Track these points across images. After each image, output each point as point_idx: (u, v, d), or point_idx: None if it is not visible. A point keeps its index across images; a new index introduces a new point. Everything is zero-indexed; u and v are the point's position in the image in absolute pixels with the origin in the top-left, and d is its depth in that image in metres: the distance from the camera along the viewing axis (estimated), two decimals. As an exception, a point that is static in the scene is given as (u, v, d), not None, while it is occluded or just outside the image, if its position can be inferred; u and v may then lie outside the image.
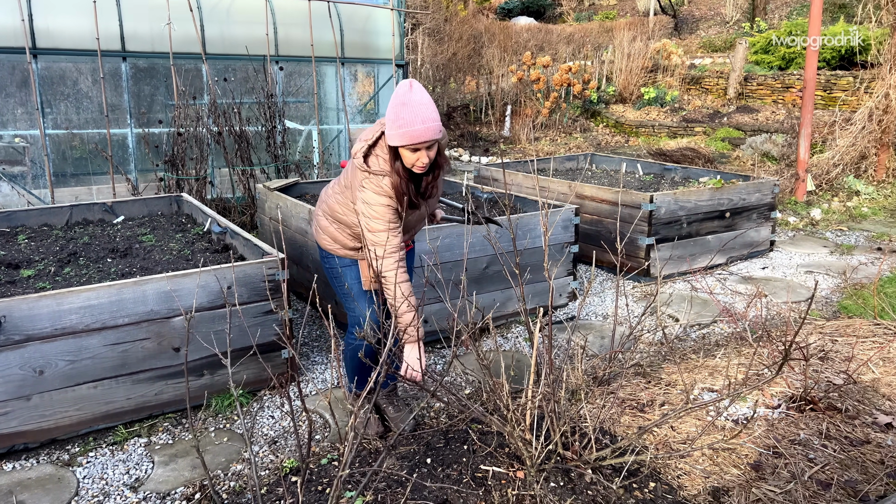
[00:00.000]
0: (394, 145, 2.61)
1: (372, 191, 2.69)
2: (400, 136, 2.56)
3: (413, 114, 2.53)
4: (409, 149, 2.59)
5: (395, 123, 2.56)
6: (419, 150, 2.60)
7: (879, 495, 2.58)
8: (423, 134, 2.55)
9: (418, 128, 2.54)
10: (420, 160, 2.62)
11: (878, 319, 4.22)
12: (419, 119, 2.53)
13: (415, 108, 2.54)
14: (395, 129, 2.56)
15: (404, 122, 2.54)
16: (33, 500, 2.69)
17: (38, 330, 2.91)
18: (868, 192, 8.15)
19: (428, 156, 2.62)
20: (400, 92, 2.58)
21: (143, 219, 4.89)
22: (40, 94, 6.20)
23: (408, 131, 2.54)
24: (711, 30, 17.36)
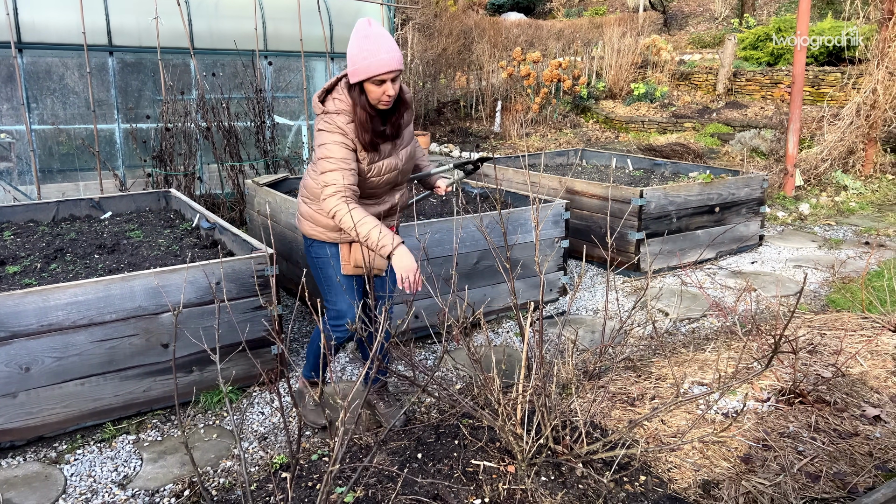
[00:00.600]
0: (360, 80, 2.60)
1: (326, 129, 2.68)
2: (366, 67, 2.56)
3: (377, 44, 2.56)
4: (376, 81, 2.60)
5: (360, 56, 2.57)
6: (385, 83, 2.61)
7: (868, 487, 2.60)
8: (389, 63, 2.57)
9: (384, 56, 2.56)
10: (386, 92, 2.62)
11: (865, 313, 4.25)
12: (383, 49, 2.56)
13: (377, 39, 2.57)
14: (360, 63, 2.57)
15: (369, 52, 2.55)
16: (20, 498, 2.66)
17: (23, 326, 2.87)
18: (856, 186, 8.21)
19: (393, 88, 2.63)
20: (360, 28, 2.60)
21: (131, 215, 4.85)
22: (26, 90, 6.13)
23: (374, 61, 2.55)
24: (700, 26, 17.42)
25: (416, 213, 4.21)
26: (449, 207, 4.90)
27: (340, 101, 2.70)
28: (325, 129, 2.69)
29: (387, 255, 2.62)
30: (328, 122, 2.69)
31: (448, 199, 5.17)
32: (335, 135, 2.67)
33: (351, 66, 2.61)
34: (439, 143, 12.38)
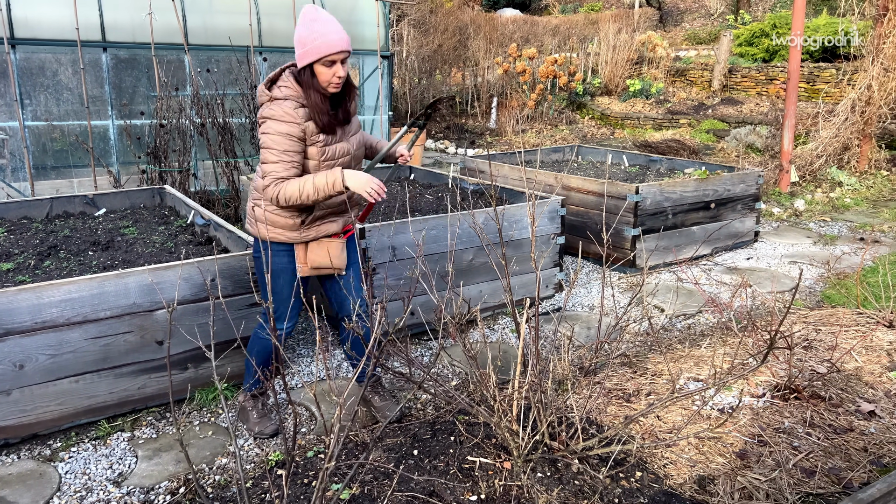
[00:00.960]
0: (311, 61, 2.62)
1: (272, 117, 2.65)
2: (317, 48, 2.58)
3: (326, 27, 2.60)
4: (326, 62, 2.61)
5: (310, 38, 2.59)
6: (335, 63, 2.63)
7: (863, 482, 2.60)
8: (339, 43, 2.60)
9: (334, 38, 2.59)
10: (336, 74, 2.64)
11: (860, 309, 4.26)
12: (332, 30, 2.60)
13: (326, 22, 2.61)
14: (311, 44, 2.59)
15: (319, 34, 2.58)
16: (14, 496, 2.65)
17: (17, 324, 2.86)
18: (850, 182, 8.22)
19: (344, 69, 2.66)
20: (307, 11, 2.65)
21: (126, 211, 4.83)
22: (19, 86, 6.10)
23: (324, 41, 2.57)
24: (696, 22, 17.42)
25: (409, 210, 4.21)
26: (444, 204, 4.89)
27: (288, 88, 2.68)
28: (272, 117, 2.66)
29: (342, 186, 2.68)
30: (274, 109, 2.65)
31: (444, 196, 5.17)
32: (281, 124, 2.64)
33: (300, 48, 2.62)
34: (435, 139, 12.37)
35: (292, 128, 2.64)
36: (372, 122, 8.45)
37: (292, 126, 2.64)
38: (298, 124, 2.66)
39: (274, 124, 2.65)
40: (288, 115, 2.64)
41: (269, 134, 2.66)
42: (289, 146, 2.65)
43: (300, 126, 2.66)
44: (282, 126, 2.64)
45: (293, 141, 2.66)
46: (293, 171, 2.68)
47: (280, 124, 2.64)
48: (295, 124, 2.65)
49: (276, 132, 2.64)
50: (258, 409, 3.12)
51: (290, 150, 2.66)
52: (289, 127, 2.64)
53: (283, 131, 2.64)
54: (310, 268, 2.90)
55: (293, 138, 2.65)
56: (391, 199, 5.08)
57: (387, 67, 8.22)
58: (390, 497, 2.40)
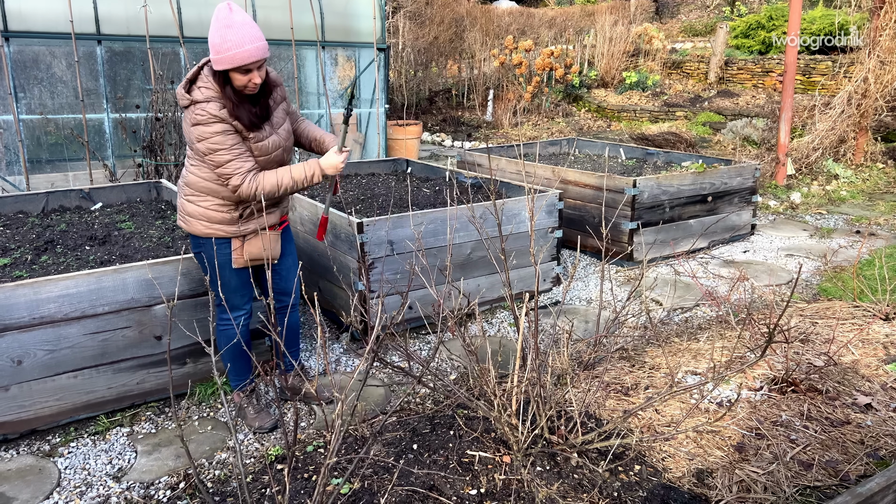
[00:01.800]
0: (224, 69, 2.57)
1: (202, 122, 2.62)
2: (230, 58, 2.53)
3: (240, 35, 2.53)
4: (241, 71, 2.58)
5: (223, 47, 2.53)
6: (251, 71, 2.59)
7: (860, 475, 2.62)
8: (254, 53, 2.55)
9: (248, 48, 2.53)
10: (252, 80, 2.61)
11: (857, 302, 4.27)
12: (247, 39, 2.53)
13: (240, 29, 2.53)
14: (225, 53, 2.53)
15: (233, 43, 2.52)
16: (14, 491, 2.65)
17: (15, 319, 2.85)
18: (847, 175, 8.24)
19: (259, 75, 2.62)
20: (221, 16, 2.55)
21: (122, 205, 4.81)
22: (13, 79, 6.06)
23: (238, 53, 2.52)
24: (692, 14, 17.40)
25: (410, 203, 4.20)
26: (442, 198, 4.89)
27: (208, 89, 2.64)
28: (201, 122, 2.62)
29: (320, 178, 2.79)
30: (200, 114, 2.62)
31: (441, 189, 5.16)
32: (214, 125, 2.62)
33: (214, 54, 2.56)
34: (431, 132, 12.34)
35: (224, 125, 2.63)
36: (368, 115, 8.43)
37: (223, 124, 2.63)
38: (228, 122, 2.64)
39: (206, 128, 2.62)
40: (215, 116, 2.62)
41: (207, 138, 2.63)
42: (233, 140, 2.65)
43: (230, 123, 2.65)
44: (215, 126, 2.62)
45: (233, 135, 2.65)
46: (251, 160, 2.69)
47: (212, 125, 2.62)
48: (225, 122, 2.64)
49: (213, 133, 2.62)
50: (254, 405, 3.12)
51: (237, 143, 2.66)
52: (221, 125, 2.63)
53: (218, 130, 2.62)
54: (246, 259, 2.91)
55: (231, 133, 2.64)
56: (388, 192, 5.07)
57: (383, 60, 8.19)
58: (391, 491, 2.41)
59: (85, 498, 2.63)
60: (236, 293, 2.95)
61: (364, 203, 4.85)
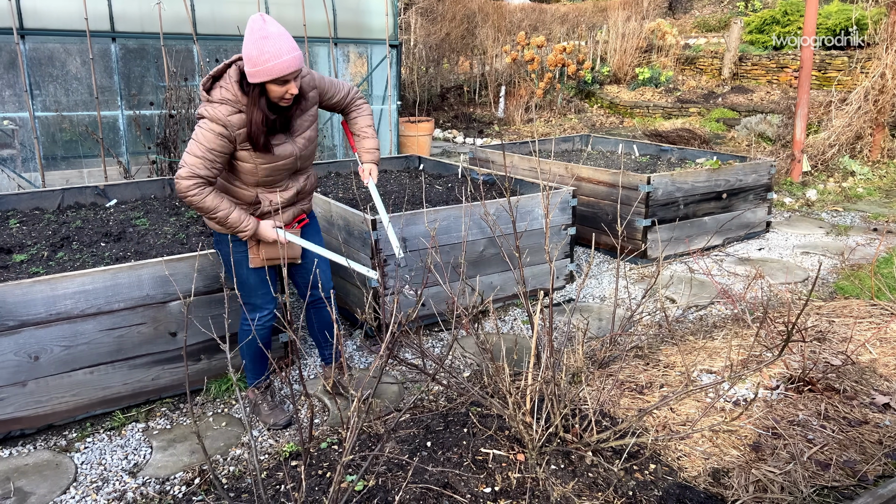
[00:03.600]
0: (262, 81, 2.55)
1: (206, 116, 2.62)
2: (268, 70, 2.51)
3: (278, 46, 2.50)
4: (278, 82, 2.56)
5: (261, 59, 2.51)
6: (288, 82, 2.58)
7: (878, 475, 2.59)
8: (292, 64, 2.53)
9: (286, 58, 2.51)
10: (290, 91, 2.60)
11: (874, 300, 4.23)
12: (285, 50, 2.51)
13: (277, 40, 2.51)
14: (263, 65, 2.51)
15: (271, 54, 2.50)
16: (31, 486, 2.67)
17: (32, 315, 2.87)
18: (863, 172, 8.15)
19: (295, 85, 2.61)
20: (255, 27, 2.53)
21: (136, 202, 4.83)
22: (28, 76, 6.10)
23: (277, 64, 2.50)
24: (706, 9, 17.26)
25: (424, 200, 4.19)
26: (454, 195, 4.88)
27: (227, 92, 2.63)
28: (206, 116, 2.62)
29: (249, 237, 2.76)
30: (211, 110, 2.62)
31: (454, 186, 5.15)
32: (214, 124, 2.61)
33: (250, 66, 2.54)
34: (443, 128, 12.32)
35: (223, 131, 2.62)
36: (380, 111, 8.42)
37: (223, 129, 2.62)
38: (229, 131, 2.63)
39: (206, 123, 2.62)
40: (221, 120, 2.61)
41: (201, 129, 2.63)
42: (216, 146, 2.62)
43: (231, 132, 2.64)
44: (215, 126, 2.61)
45: (221, 142, 2.63)
46: (213, 172, 2.66)
47: (213, 124, 2.61)
48: (226, 129, 2.62)
49: (208, 129, 2.61)
50: (268, 402, 3.13)
51: (216, 150, 2.63)
52: (221, 128, 2.62)
53: (215, 130, 2.61)
54: (262, 259, 2.90)
55: (222, 139, 2.63)
56: (401, 189, 5.07)
57: (395, 56, 8.18)
58: (405, 489, 2.41)
59: (101, 493, 2.65)
60: (255, 292, 2.95)
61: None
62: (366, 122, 3.09)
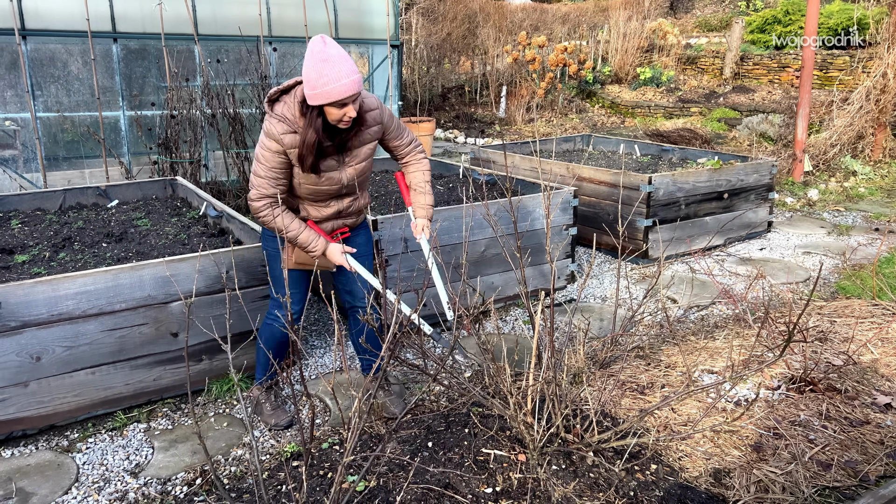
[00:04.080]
0: (320, 104, 2.56)
1: (266, 133, 2.67)
2: (327, 94, 2.51)
3: (337, 69, 2.50)
4: (337, 105, 2.56)
5: (320, 81, 2.51)
6: (346, 105, 2.58)
7: (879, 475, 2.59)
8: (351, 87, 2.53)
9: (345, 81, 2.51)
10: (347, 114, 2.60)
11: (876, 300, 4.22)
12: (344, 73, 2.51)
13: (337, 62, 2.50)
14: (321, 88, 2.51)
15: (329, 77, 2.49)
16: (33, 486, 2.68)
17: (34, 316, 2.87)
18: (865, 172, 8.15)
19: (354, 108, 2.61)
20: (316, 49, 2.52)
21: (138, 203, 4.84)
22: (30, 77, 6.11)
23: (335, 88, 2.50)
24: (707, 9, 17.25)
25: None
26: (456, 195, 4.88)
27: (287, 110, 2.65)
28: (265, 133, 2.67)
29: (319, 255, 2.82)
30: (269, 126, 2.66)
31: (455, 187, 5.15)
32: (272, 142, 2.65)
33: (309, 88, 2.54)
34: (444, 128, 12.32)
35: (279, 148, 2.66)
36: (382, 111, 8.41)
37: (279, 147, 2.66)
38: (283, 148, 2.66)
39: (266, 141, 2.67)
40: (275, 137, 2.64)
41: (262, 147, 2.69)
42: (275, 164, 2.68)
43: (285, 149, 2.67)
44: (272, 144, 2.66)
45: (281, 159, 2.68)
46: (280, 189, 2.73)
47: (270, 141, 2.66)
48: (280, 147, 2.66)
49: (266, 148, 2.67)
50: (271, 402, 3.14)
51: (277, 168, 2.69)
52: (276, 146, 2.66)
53: (272, 149, 2.66)
54: (294, 262, 2.92)
55: (280, 156, 2.67)
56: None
57: (396, 56, 8.18)
58: (406, 489, 2.41)
59: (103, 493, 2.65)
60: (282, 291, 2.95)
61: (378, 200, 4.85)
62: (424, 177, 3.06)
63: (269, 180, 2.69)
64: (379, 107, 2.86)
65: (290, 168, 2.74)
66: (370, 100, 2.82)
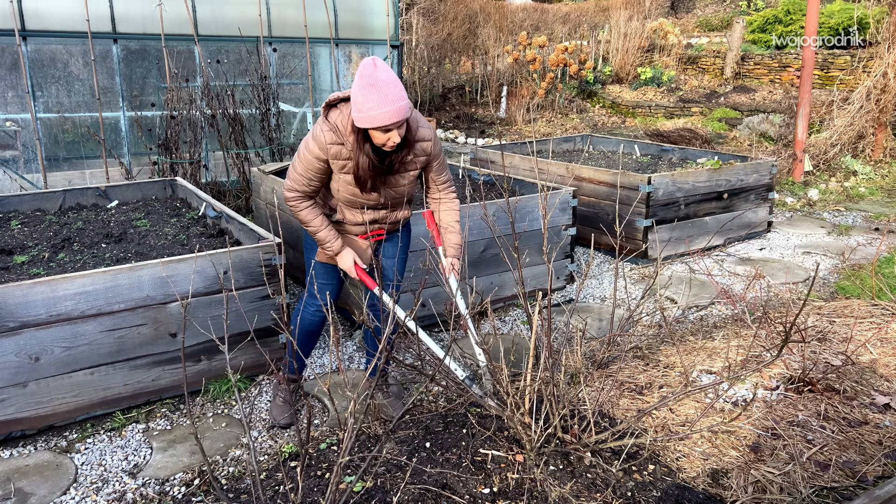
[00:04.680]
0: (365, 127, 2.56)
1: (313, 138, 2.68)
2: (371, 118, 2.50)
3: (383, 96, 2.48)
4: (381, 129, 2.56)
5: (365, 106, 2.50)
6: (391, 130, 2.57)
7: (878, 476, 2.59)
8: (395, 115, 2.51)
9: (389, 109, 2.49)
10: (392, 139, 2.60)
11: (875, 300, 4.22)
12: (389, 100, 2.48)
13: (384, 89, 2.48)
14: (366, 112, 2.50)
15: (374, 103, 2.48)
16: (31, 486, 2.68)
17: (33, 316, 2.88)
18: (865, 171, 8.14)
19: (399, 133, 2.60)
20: (365, 72, 2.50)
21: (138, 203, 4.85)
22: (31, 77, 6.12)
23: (379, 114, 2.49)
24: (708, 8, 17.23)
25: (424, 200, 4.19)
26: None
27: (341, 121, 2.64)
28: (314, 136, 2.69)
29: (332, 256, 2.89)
30: (319, 131, 2.66)
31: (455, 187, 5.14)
32: (317, 148, 2.67)
33: (355, 111, 2.54)
34: (444, 129, 12.32)
35: (322, 156, 2.69)
36: (382, 112, 8.41)
37: (322, 155, 2.68)
38: (326, 156, 2.69)
39: (311, 143, 2.69)
40: (321, 145, 2.66)
41: (306, 147, 2.72)
42: (313, 168, 2.72)
43: (328, 158, 2.69)
44: (316, 150, 2.68)
45: (320, 165, 2.71)
46: (311, 188, 2.77)
47: (315, 147, 2.68)
48: (324, 155, 2.68)
49: (310, 150, 2.69)
50: (283, 396, 3.14)
51: (313, 171, 2.73)
52: (320, 153, 2.68)
53: (314, 153, 2.69)
54: (326, 256, 2.95)
55: (320, 162, 2.70)
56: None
57: (396, 57, 8.18)
58: (403, 490, 2.41)
59: (101, 494, 2.66)
60: (315, 281, 3.01)
61: (377, 200, 4.83)
62: (454, 217, 3.06)
63: (304, 179, 2.73)
64: (432, 139, 2.84)
65: (329, 174, 2.76)
66: (425, 131, 2.80)
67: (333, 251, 2.86)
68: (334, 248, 2.86)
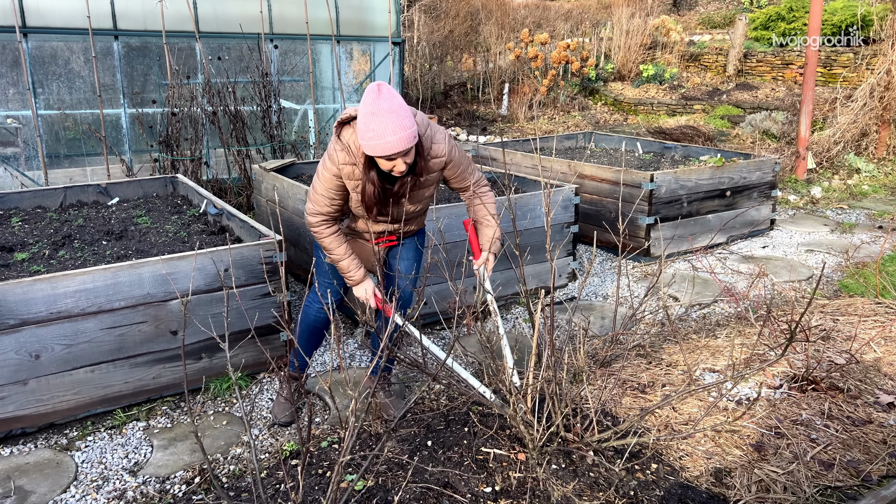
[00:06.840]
0: (369, 154, 2.53)
1: (328, 158, 2.67)
2: (372, 147, 2.47)
3: (383, 126, 2.41)
4: (384, 158, 2.52)
5: (366, 135, 2.45)
6: (394, 159, 2.52)
7: (882, 475, 2.57)
8: (396, 146, 2.44)
9: (389, 140, 2.43)
10: (397, 167, 2.55)
11: (879, 298, 4.20)
12: (390, 130, 2.42)
13: (384, 118, 2.41)
14: (367, 141, 2.46)
15: (375, 133, 2.43)
16: (32, 484, 2.67)
17: (33, 314, 2.87)
18: (869, 169, 8.11)
19: (405, 161, 2.54)
20: (368, 101, 2.44)
21: (139, 200, 4.83)
22: (31, 74, 6.10)
23: (379, 143, 2.44)
24: (711, 6, 17.18)
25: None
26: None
27: (352, 140, 2.60)
28: (329, 155, 2.66)
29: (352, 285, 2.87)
30: (333, 151, 2.64)
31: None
32: (333, 166, 2.65)
33: (359, 138, 2.50)
34: (446, 126, 12.30)
35: (338, 173, 2.67)
36: (383, 109, 8.39)
37: (338, 172, 2.67)
38: (341, 175, 2.67)
39: (327, 163, 2.67)
40: (336, 163, 2.64)
41: (323, 167, 2.69)
42: (332, 186, 2.69)
43: (342, 176, 2.67)
44: (332, 168, 2.66)
45: (339, 183, 2.69)
46: (335, 207, 2.75)
47: (332, 166, 2.66)
48: (339, 172, 2.66)
49: (327, 171, 2.67)
50: (283, 395, 3.13)
51: (333, 190, 2.70)
52: (336, 171, 2.66)
53: (331, 172, 2.67)
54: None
55: (338, 179, 2.68)
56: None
57: (398, 54, 8.16)
58: (405, 488, 2.40)
59: (102, 492, 2.65)
60: (322, 281, 3.01)
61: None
62: (489, 210, 2.98)
63: (326, 199, 2.71)
64: (446, 154, 2.76)
65: (347, 190, 2.74)
66: (439, 146, 2.73)
67: (355, 281, 2.85)
68: (356, 279, 2.84)
